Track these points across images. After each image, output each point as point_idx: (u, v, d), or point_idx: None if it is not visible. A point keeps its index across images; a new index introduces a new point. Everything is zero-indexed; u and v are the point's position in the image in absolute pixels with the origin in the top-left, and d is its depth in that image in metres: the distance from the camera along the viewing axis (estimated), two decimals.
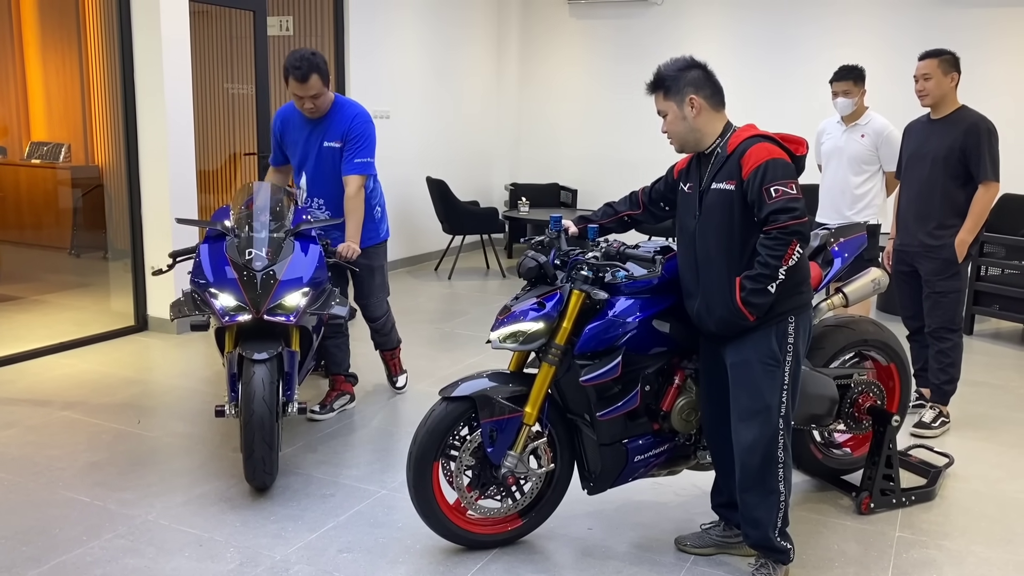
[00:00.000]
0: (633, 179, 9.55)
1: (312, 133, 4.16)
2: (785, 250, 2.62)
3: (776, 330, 2.75)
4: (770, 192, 2.62)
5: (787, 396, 2.79)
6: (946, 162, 4.11)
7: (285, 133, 4.26)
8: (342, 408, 4.49)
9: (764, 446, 2.78)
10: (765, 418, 2.77)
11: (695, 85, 2.79)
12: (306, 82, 3.93)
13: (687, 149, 2.89)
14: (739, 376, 2.80)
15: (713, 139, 2.82)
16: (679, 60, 2.85)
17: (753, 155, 2.68)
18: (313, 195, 4.25)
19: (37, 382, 4.82)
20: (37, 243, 8.21)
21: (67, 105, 8.29)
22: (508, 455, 2.94)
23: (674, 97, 2.81)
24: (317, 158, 4.15)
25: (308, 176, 4.21)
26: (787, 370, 2.77)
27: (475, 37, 9.42)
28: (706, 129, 2.81)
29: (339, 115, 4.13)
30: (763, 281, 2.64)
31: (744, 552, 3.06)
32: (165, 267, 3.98)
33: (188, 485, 3.57)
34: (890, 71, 7.77)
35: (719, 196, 2.75)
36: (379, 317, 4.49)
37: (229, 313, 3.48)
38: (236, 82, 7.73)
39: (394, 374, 4.78)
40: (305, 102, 4.01)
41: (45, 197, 8.08)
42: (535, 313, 2.90)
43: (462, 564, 3.01)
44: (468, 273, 8.42)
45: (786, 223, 2.60)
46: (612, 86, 9.55)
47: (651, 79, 2.86)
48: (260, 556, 3.02)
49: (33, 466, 3.71)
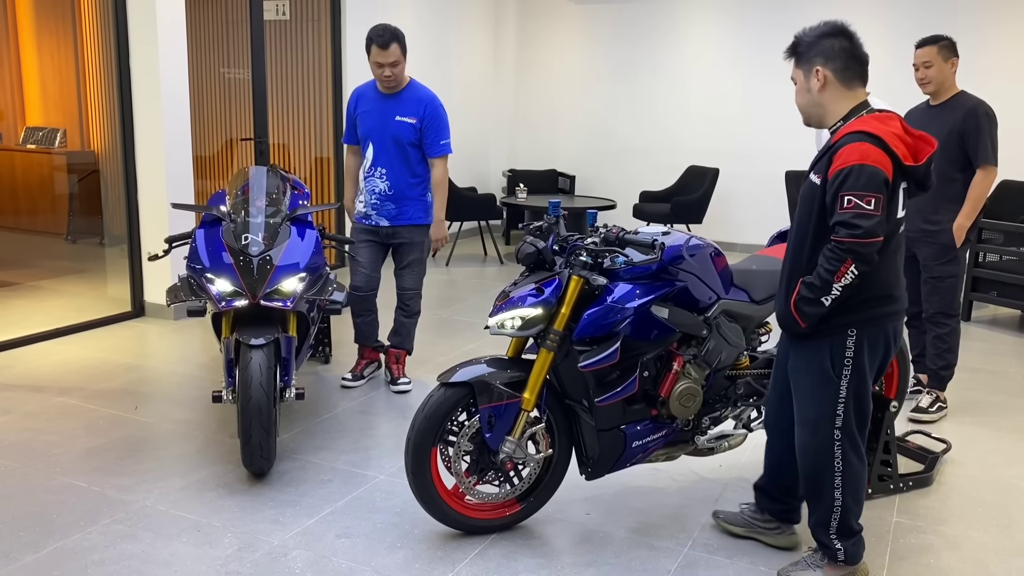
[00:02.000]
0: (631, 166, 9.53)
1: (386, 106, 4.36)
2: (839, 267, 2.45)
3: (833, 343, 2.60)
4: (843, 200, 2.43)
5: (845, 410, 2.64)
6: (945, 147, 4.10)
7: (359, 105, 4.46)
8: (371, 375, 4.74)
9: (815, 453, 2.70)
10: (816, 427, 2.67)
11: (825, 56, 2.57)
12: (387, 48, 4.16)
13: (811, 124, 2.70)
14: (795, 382, 2.74)
15: (836, 120, 2.60)
16: (820, 25, 2.61)
17: (844, 154, 2.46)
18: (377, 164, 4.40)
19: (33, 368, 4.81)
20: (33, 229, 8.18)
21: (63, 90, 8.25)
22: (506, 440, 2.94)
23: (803, 65, 2.62)
24: (387, 130, 4.35)
25: (375, 146, 4.39)
26: (844, 385, 2.62)
27: (472, 22, 9.37)
28: (830, 106, 2.60)
29: (414, 94, 4.37)
30: (816, 292, 2.50)
31: (774, 541, 3.03)
32: (161, 252, 3.96)
33: (186, 471, 3.56)
34: (891, 56, 7.74)
35: (808, 188, 2.59)
36: (410, 288, 4.56)
37: (226, 298, 3.47)
38: (232, 67, 7.69)
39: (397, 376, 4.64)
40: (384, 69, 4.22)
41: (41, 183, 8.05)
42: (534, 299, 2.90)
43: (460, 549, 3.01)
44: (466, 260, 8.41)
45: (844, 239, 2.43)
46: (610, 72, 9.51)
47: (790, 43, 2.68)
48: (258, 541, 3.02)
49: (30, 452, 3.70)
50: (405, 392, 4.56)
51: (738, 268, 3.28)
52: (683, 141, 9.22)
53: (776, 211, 8.63)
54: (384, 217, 4.42)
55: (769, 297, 3.26)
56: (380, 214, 4.42)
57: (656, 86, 9.30)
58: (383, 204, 4.40)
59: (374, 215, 4.43)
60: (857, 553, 2.80)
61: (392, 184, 4.38)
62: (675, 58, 9.16)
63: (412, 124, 4.32)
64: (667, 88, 9.25)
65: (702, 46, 9.02)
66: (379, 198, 4.39)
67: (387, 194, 4.38)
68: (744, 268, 3.29)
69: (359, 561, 2.91)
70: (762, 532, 3.07)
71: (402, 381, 4.60)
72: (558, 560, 2.96)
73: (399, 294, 4.59)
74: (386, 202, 4.40)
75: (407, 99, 4.36)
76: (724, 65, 8.94)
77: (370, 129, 4.38)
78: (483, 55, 9.65)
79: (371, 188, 4.41)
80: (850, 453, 2.69)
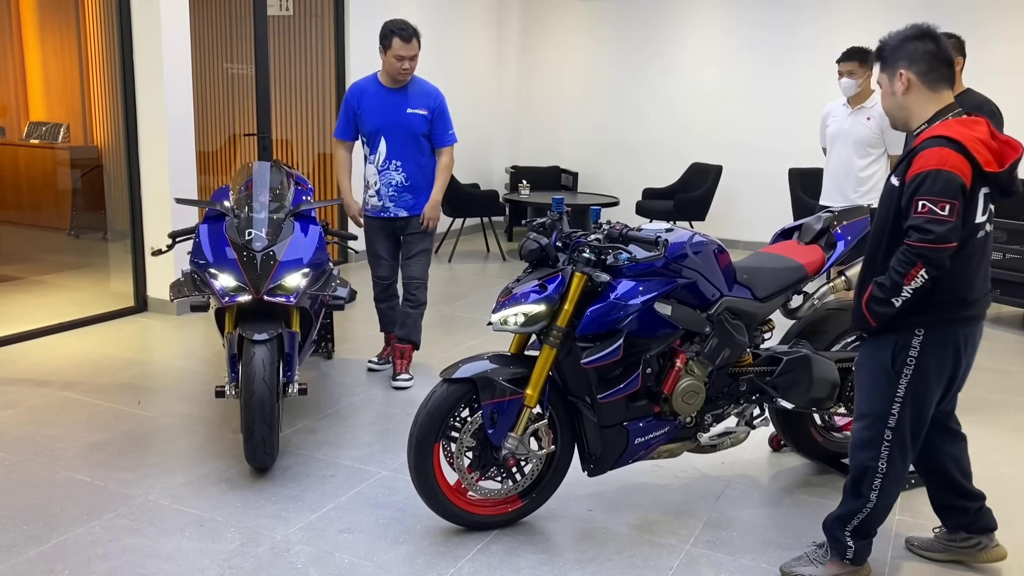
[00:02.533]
0: (634, 162, 9.52)
1: (395, 100, 4.44)
2: (909, 270, 2.45)
3: (897, 340, 2.59)
4: (917, 205, 2.42)
5: (900, 410, 2.62)
6: None
7: (362, 102, 4.49)
8: None
9: (864, 448, 2.68)
10: (869, 423, 2.66)
11: (909, 59, 2.56)
12: (410, 42, 4.28)
13: (897, 127, 2.70)
14: (857, 377, 2.74)
15: (921, 122, 2.59)
16: (905, 29, 2.61)
17: (923, 159, 2.46)
18: (392, 157, 4.47)
19: (37, 362, 4.82)
20: (36, 224, 8.19)
21: (66, 85, 8.25)
22: (509, 437, 2.94)
23: (887, 69, 2.62)
24: (400, 123, 4.43)
25: (388, 140, 4.46)
26: (904, 384, 2.60)
27: (476, 18, 9.36)
28: (914, 109, 2.59)
29: (420, 87, 4.49)
30: (887, 293, 2.50)
31: (984, 558, 2.93)
32: (164, 247, 3.97)
33: (188, 466, 3.57)
34: None
35: (888, 189, 2.59)
36: (417, 277, 4.62)
37: (229, 294, 3.47)
38: (236, 62, 7.69)
39: (399, 371, 4.63)
40: (405, 63, 4.32)
41: (44, 177, 8.05)
42: (536, 295, 2.89)
43: (462, 545, 3.01)
44: (468, 256, 8.41)
45: (915, 243, 2.43)
46: (613, 68, 9.49)
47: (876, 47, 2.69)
48: (261, 536, 3.03)
49: (33, 446, 3.71)
50: (405, 388, 4.56)
51: (741, 265, 3.27)
52: (686, 138, 9.20)
53: (779, 208, 8.61)
54: (403, 208, 4.53)
55: (772, 294, 3.25)
56: (399, 205, 4.52)
57: (659, 82, 9.29)
58: (401, 195, 4.51)
59: (392, 207, 4.52)
60: (864, 555, 2.81)
61: (408, 175, 4.49)
62: (678, 55, 9.15)
63: (424, 116, 4.44)
64: (670, 85, 9.24)
65: (706, 42, 9.00)
66: (396, 190, 4.50)
67: (404, 185, 4.49)
68: (747, 265, 3.29)
69: (361, 556, 2.92)
70: (964, 552, 2.96)
71: (402, 377, 4.60)
72: (560, 556, 2.96)
73: (406, 283, 4.63)
74: (404, 193, 4.51)
75: (415, 92, 4.46)
76: (728, 62, 8.92)
77: (380, 124, 4.45)
78: (486, 51, 9.64)
79: (387, 181, 4.49)
80: (896, 456, 2.66)
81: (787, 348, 3.38)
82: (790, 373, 3.25)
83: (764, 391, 3.30)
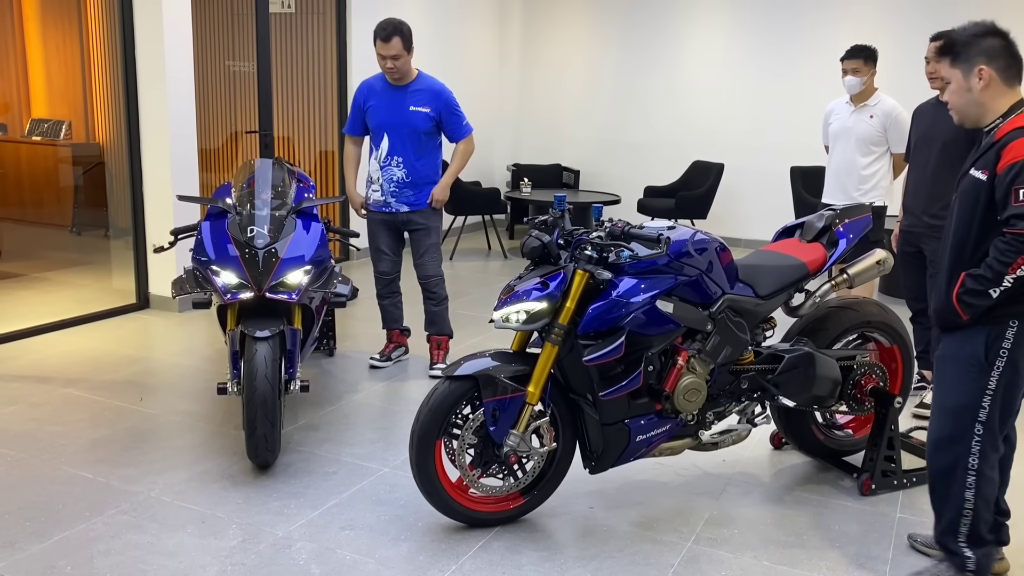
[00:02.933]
0: (635, 160, 9.52)
1: (398, 98, 4.50)
2: (1015, 258, 2.45)
3: (990, 332, 2.56)
4: (1018, 194, 2.43)
5: (991, 403, 2.59)
6: (955, 144, 4.08)
7: (369, 98, 4.57)
8: (399, 359, 4.92)
9: (949, 445, 2.65)
10: (956, 418, 2.63)
11: (988, 55, 2.55)
12: (388, 42, 4.31)
13: (967, 124, 2.69)
14: (939, 370, 2.69)
15: (995, 117, 2.60)
16: (976, 25, 2.60)
17: (1014, 149, 2.46)
18: (394, 154, 4.54)
19: (39, 359, 4.83)
20: (38, 221, 8.19)
21: (68, 82, 8.25)
22: (510, 434, 2.94)
23: (961, 65, 2.59)
24: (403, 120, 4.49)
25: (391, 137, 4.52)
26: (996, 376, 2.57)
27: (478, 16, 9.35)
28: (990, 105, 2.60)
29: (424, 85, 4.54)
30: (984, 284, 2.49)
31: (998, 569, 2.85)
32: (166, 244, 3.97)
33: (190, 462, 3.57)
34: (900, 49, 7.72)
35: (971, 183, 2.57)
36: (432, 275, 4.69)
37: (231, 291, 3.47)
38: (238, 59, 7.69)
39: (435, 360, 4.76)
40: (387, 62, 4.39)
41: (46, 174, 8.06)
42: (538, 293, 2.90)
43: (464, 542, 3.02)
44: (470, 254, 8.41)
45: (1020, 231, 2.43)
46: (615, 66, 9.49)
47: (942, 43, 2.66)
48: (262, 533, 3.03)
49: (36, 443, 3.72)
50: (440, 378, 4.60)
51: (743, 263, 3.27)
52: (688, 136, 9.20)
53: (781, 206, 8.61)
54: (404, 204, 4.58)
55: (774, 292, 3.25)
56: (400, 201, 4.57)
57: (661, 80, 9.28)
58: (402, 191, 4.56)
59: (393, 202, 4.58)
60: (987, 566, 2.71)
61: (409, 171, 4.54)
62: (680, 52, 9.14)
63: (427, 113, 4.49)
64: (672, 82, 9.23)
65: (708, 40, 8.99)
66: (398, 186, 4.55)
67: (405, 181, 4.55)
68: (749, 263, 3.29)
69: (363, 553, 2.92)
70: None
71: (439, 366, 4.71)
72: (561, 553, 2.96)
73: (423, 284, 4.71)
74: (405, 189, 4.56)
75: (418, 90, 4.51)
76: (730, 60, 8.91)
77: (384, 121, 4.52)
78: (488, 49, 9.63)
79: (389, 177, 4.54)
80: (988, 450, 2.62)
81: (789, 346, 3.38)
82: (792, 371, 3.25)
83: (766, 389, 3.30)
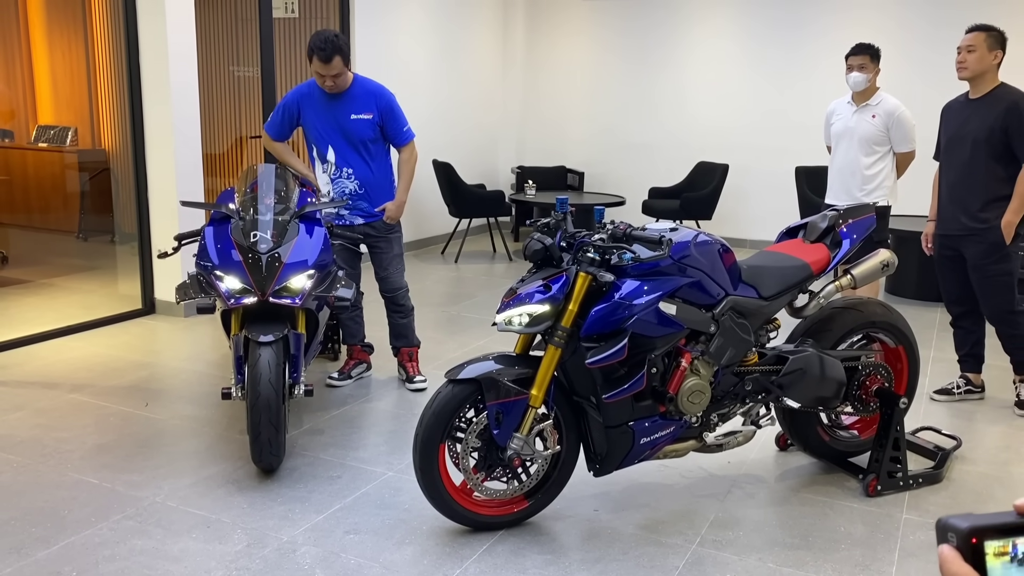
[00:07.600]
0: (640, 162, 9.51)
1: (337, 107, 4.33)
2: None
3: None
4: None
5: None
6: (988, 143, 4.06)
7: (304, 109, 4.39)
8: (359, 376, 4.73)
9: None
10: None
11: None
12: (329, 63, 4.14)
13: None
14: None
15: None
16: None
17: None
18: (343, 166, 4.40)
19: (45, 365, 4.84)
20: (44, 227, 8.22)
21: (74, 89, 8.29)
22: (514, 437, 2.94)
23: None
24: (345, 130, 4.33)
25: (335, 148, 4.38)
26: None
27: (481, 19, 9.36)
28: None
29: (362, 90, 4.35)
30: None
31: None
32: (170, 250, 3.99)
33: (195, 467, 3.58)
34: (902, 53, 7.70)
35: None
36: (398, 288, 4.56)
37: (235, 296, 3.48)
38: (242, 65, 7.71)
39: (412, 374, 4.63)
40: (327, 80, 4.23)
41: (52, 181, 8.09)
42: (541, 295, 2.89)
43: (468, 545, 3.02)
44: (474, 256, 8.41)
45: None
46: (619, 68, 9.49)
47: None
48: (267, 537, 3.03)
49: (42, 448, 3.73)
50: (422, 390, 4.56)
51: (746, 264, 3.27)
52: (692, 137, 9.19)
53: (787, 207, 8.60)
54: (359, 215, 4.44)
55: (778, 293, 3.25)
56: (354, 213, 4.43)
57: (665, 82, 9.28)
58: (356, 203, 4.42)
59: (347, 214, 4.44)
60: None
61: (362, 182, 4.40)
62: (685, 54, 9.14)
63: (369, 120, 4.33)
64: (677, 84, 9.22)
65: (712, 42, 8.99)
66: (352, 198, 4.41)
67: (358, 193, 4.40)
68: (753, 264, 3.28)
69: (368, 557, 2.92)
70: None
71: (418, 379, 4.60)
72: (566, 556, 2.96)
73: (390, 297, 4.56)
74: (359, 200, 4.42)
75: (356, 96, 4.33)
76: (734, 61, 8.90)
77: (324, 132, 4.35)
78: (492, 51, 9.64)
79: (341, 190, 4.40)
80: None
81: (793, 347, 3.38)
82: (796, 372, 3.25)
83: (770, 390, 3.29)
